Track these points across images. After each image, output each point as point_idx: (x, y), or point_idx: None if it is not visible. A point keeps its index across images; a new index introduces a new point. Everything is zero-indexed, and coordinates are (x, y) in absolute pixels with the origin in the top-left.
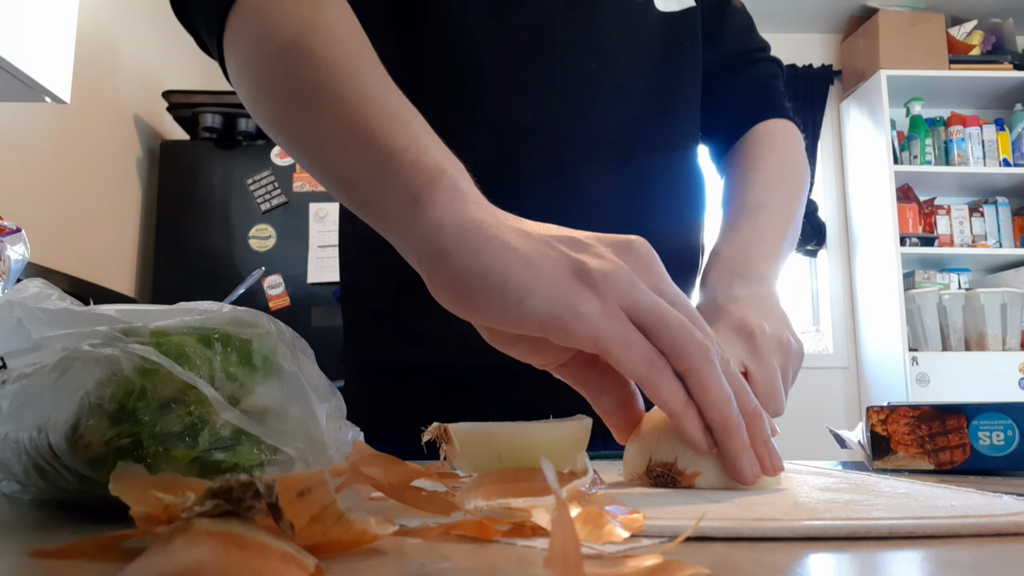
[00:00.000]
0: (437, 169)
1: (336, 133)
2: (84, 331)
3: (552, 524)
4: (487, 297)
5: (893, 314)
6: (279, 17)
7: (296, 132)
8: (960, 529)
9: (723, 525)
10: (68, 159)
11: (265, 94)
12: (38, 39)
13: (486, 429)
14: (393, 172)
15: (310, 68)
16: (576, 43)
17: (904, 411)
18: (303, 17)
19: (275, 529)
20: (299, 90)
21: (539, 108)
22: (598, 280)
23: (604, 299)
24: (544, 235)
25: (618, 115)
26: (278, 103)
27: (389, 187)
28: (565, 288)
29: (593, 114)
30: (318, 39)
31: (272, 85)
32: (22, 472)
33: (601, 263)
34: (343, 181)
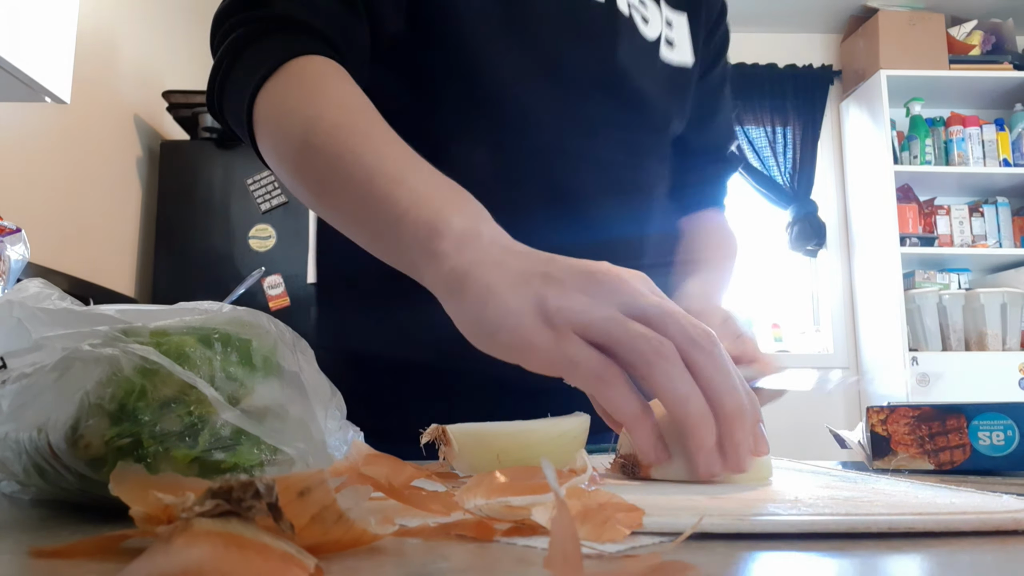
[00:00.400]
0: (435, 221)
1: (352, 211)
2: (84, 331)
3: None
4: (472, 333)
5: (893, 314)
6: (286, 120)
7: (327, 213)
8: (958, 525)
9: (723, 522)
10: (68, 159)
11: (294, 186)
12: (38, 39)
13: (484, 430)
14: (402, 233)
15: (321, 161)
16: (588, 70)
17: (904, 411)
18: (304, 115)
19: (275, 529)
20: (317, 179)
21: (544, 130)
22: (552, 314)
23: (557, 330)
24: (523, 272)
25: (621, 143)
26: (305, 193)
27: (402, 246)
28: (525, 328)
29: (598, 138)
30: (319, 132)
31: (296, 180)
32: (22, 472)
33: (559, 298)
34: (370, 247)
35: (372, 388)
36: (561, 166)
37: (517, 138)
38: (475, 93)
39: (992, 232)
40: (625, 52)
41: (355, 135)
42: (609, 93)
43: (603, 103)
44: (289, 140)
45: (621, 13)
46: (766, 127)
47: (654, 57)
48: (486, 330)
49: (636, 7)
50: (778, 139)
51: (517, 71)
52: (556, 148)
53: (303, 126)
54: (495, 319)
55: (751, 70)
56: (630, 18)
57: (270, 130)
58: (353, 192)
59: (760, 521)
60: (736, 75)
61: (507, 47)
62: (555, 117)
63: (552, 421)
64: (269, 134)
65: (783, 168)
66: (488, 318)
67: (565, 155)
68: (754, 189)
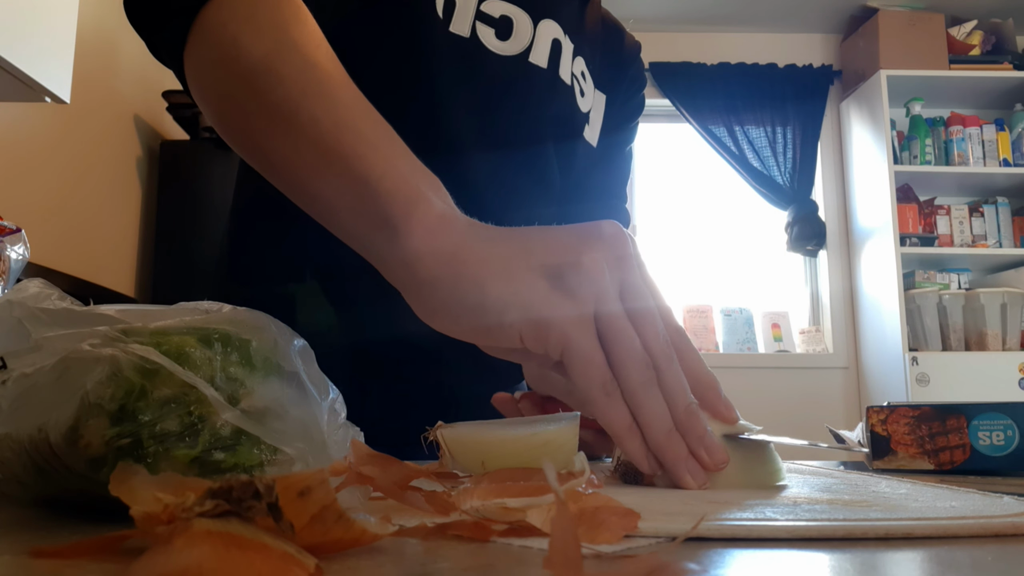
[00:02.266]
0: (414, 196)
1: (311, 159)
2: (84, 331)
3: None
4: (470, 320)
5: (893, 314)
6: (250, 36)
7: (268, 154)
8: (958, 530)
9: (720, 526)
10: (68, 159)
11: (233, 113)
12: (38, 39)
13: (471, 434)
14: (370, 200)
15: (283, 90)
16: (518, 129)
17: (904, 411)
18: (274, 38)
19: (275, 529)
20: (271, 113)
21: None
22: (573, 284)
23: (578, 303)
24: (522, 243)
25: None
26: (247, 123)
27: (367, 215)
28: (541, 297)
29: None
30: (289, 61)
31: (242, 104)
32: (22, 472)
33: (576, 263)
34: (319, 206)
35: None
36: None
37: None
38: (412, 108)
39: (992, 232)
40: (556, 117)
41: (331, 80)
42: (530, 152)
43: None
44: (247, 59)
45: (563, 81)
46: (766, 127)
47: (579, 132)
48: (490, 309)
49: (578, 78)
50: (778, 139)
51: (458, 112)
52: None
53: (270, 47)
54: (502, 294)
55: (751, 70)
56: (571, 87)
57: (221, 43)
58: (315, 138)
59: (757, 526)
60: (736, 75)
61: (458, 92)
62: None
63: (539, 426)
64: (219, 47)
65: (783, 168)
66: (491, 295)
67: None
68: (754, 189)
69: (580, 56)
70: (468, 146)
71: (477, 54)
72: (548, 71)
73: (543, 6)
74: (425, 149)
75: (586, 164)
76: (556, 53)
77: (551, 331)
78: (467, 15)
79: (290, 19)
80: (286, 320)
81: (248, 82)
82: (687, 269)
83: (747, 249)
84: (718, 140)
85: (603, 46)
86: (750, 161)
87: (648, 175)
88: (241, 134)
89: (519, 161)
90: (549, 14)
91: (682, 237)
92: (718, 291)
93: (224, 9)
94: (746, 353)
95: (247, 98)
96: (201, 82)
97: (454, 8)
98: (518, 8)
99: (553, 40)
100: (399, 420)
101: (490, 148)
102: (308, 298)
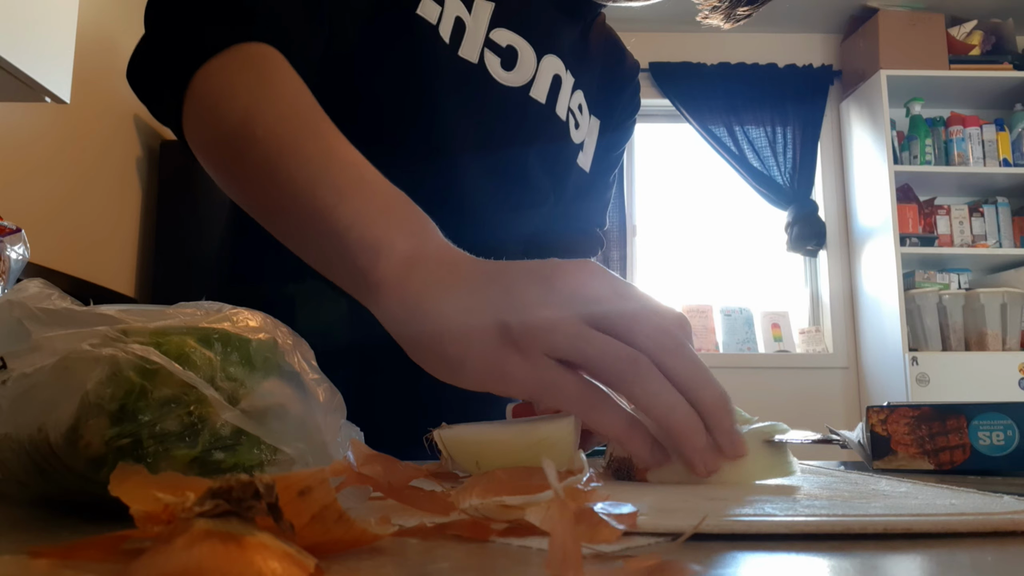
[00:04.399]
0: (378, 243)
1: (291, 215)
2: (84, 331)
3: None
4: (435, 367)
5: (893, 314)
6: (227, 102)
7: (257, 210)
8: (957, 526)
9: (720, 523)
10: (68, 159)
11: (223, 174)
12: (38, 39)
13: (469, 434)
14: (342, 253)
15: (258, 152)
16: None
17: (904, 411)
18: (247, 102)
19: (275, 529)
20: (251, 174)
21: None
22: (519, 338)
23: (527, 354)
24: (478, 292)
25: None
26: (235, 183)
27: (343, 267)
28: (492, 355)
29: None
30: (262, 122)
31: (228, 166)
32: (22, 472)
33: (523, 317)
34: (309, 257)
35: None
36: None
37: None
38: (415, 152)
39: (992, 232)
40: (549, 153)
41: (302, 132)
42: (517, 183)
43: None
44: (226, 126)
45: (558, 117)
46: (766, 127)
47: (572, 161)
48: (450, 364)
49: (575, 112)
50: (778, 139)
51: (460, 145)
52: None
53: (244, 112)
54: (458, 352)
55: (751, 70)
56: (566, 122)
57: (204, 112)
58: (293, 198)
59: (757, 522)
60: (736, 75)
61: (462, 116)
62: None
63: (533, 426)
64: (202, 117)
65: (783, 168)
66: (450, 352)
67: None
68: (754, 189)
69: (579, 89)
70: (465, 165)
71: (483, 81)
72: (546, 107)
73: (547, 40)
74: (424, 163)
75: (578, 189)
76: (555, 89)
77: (508, 381)
78: (476, 41)
79: (264, 79)
80: (286, 319)
81: (229, 145)
82: (687, 269)
83: (747, 249)
84: (718, 140)
85: (602, 67)
86: (750, 161)
87: (648, 175)
88: (232, 192)
89: (511, 181)
90: (552, 49)
91: (682, 237)
92: (718, 291)
93: (208, 78)
94: (746, 353)
95: (231, 160)
96: (194, 145)
97: (463, 33)
98: (524, 40)
99: (554, 76)
100: (400, 420)
101: (486, 169)
102: (308, 297)
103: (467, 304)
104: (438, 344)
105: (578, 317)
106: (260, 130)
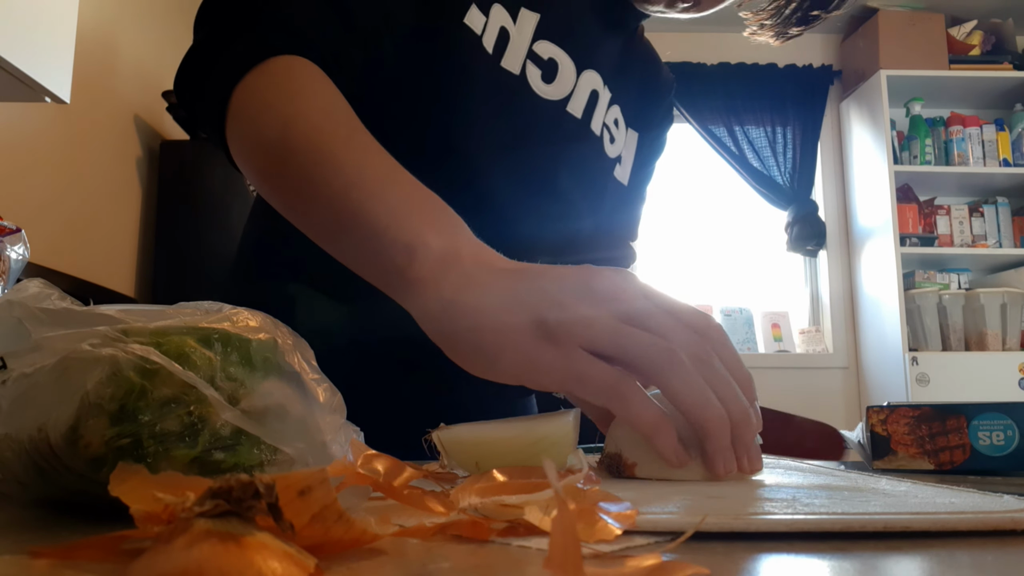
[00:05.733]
0: (413, 243)
1: (329, 221)
2: (84, 331)
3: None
4: (470, 361)
5: (893, 314)
6: (265, 115)
7: (298, 218)
8: (957, 524)
9: (719, 521)
10: (68, 159)
11: (264, 185)
12: (38, 39)
13: (468, 434)
14: (379, 253)
15: (295, 162)
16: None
17: (904, 411)
18: (285, 113)
19: (275, 529)
20: (290, 184)
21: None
22: (555, 332)
23: (562, 347)
24: (514, 290)
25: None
26: (276, 193)
27: (379, 267)
28: (528, 348)
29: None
30: (298, 133)
31: (269, 177)
32: (22, 472)
33: (559, 314)
34: (346, 261)
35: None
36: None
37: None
38: (449, 160)
39: (992, 232)
40: (581, 167)
41: (336, 141)
42: (547, 194)
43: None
44: (265, 138)
45: (592, 132)
46: (766, 127)
47: (608, 175)
48: (487, 357)
49: (610, 127)
50: (778, 139)
51: (494, 156)
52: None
53: (282, 124)
54: (494, 344)
55: (751, 70)
56: (600, 137)
57: (245, 125)
58: (329, 202)
59: (757, 520)
60: (736, 75)
61: (496, 125)
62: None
63: (533, 426)
64: (243, 129)
65: (783, 168)
66: (486, 345)
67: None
68: (754, 189)
69: (616, 104)
70: (495, 174)
71: (522, 91)
72: (581, 121)
73: (587, 54)
74: (453, 171)
75: (615, 202)
76: (592, 104)
77: (542, 374)
78: (520, 52)
79: (299, 91)
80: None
81: (268, 157)
82: (687, 269)
83: (747, 249)
84: (718, 140)
85: (640, 80)
86: (750, 161)
87: None
88: (274, 200)
89: (541, 192)
90: (592, 63)
91: (682, 237)
92: (718, 291)
93: (246, 91)
94: (746, 353)
95: (271, 172)
96: (237, 158)
97: (507, 44)
98: (565, 54)
99: (592, 91)
100: (400, 420)
101: (515, 179)
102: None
103: (503, 301)
104: (475, 338)
105: (614, 315)
106: (296, 140)
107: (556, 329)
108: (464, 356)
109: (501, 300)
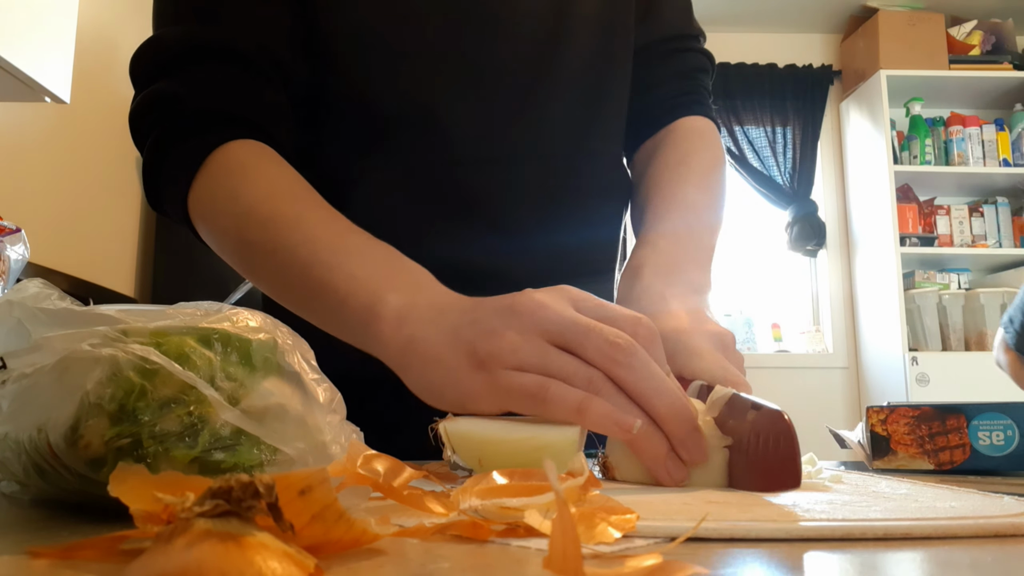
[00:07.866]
0: (373, 304)
1: (299, 298)
2: (84, 331)
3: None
4: (425, 395)
5: (893, 314)
6: (219, 221)
7: (275, 297)
8: (957, 530)
9: (719, 526)
10: (68, 159)
11: (237, 269)
12: (38, 39)
13: (475, 429)
14: (345, 319)
15: (259, 259)
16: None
17: (904, 411)
18: (234, 214)
19: (275, 529)
20: (259, 275)
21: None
22: (486, 361)
23: (491, 373)
24: (454, 326)
25: (547, 126)
26: (252, 280)
27: (348, 330)
28: (462, 379)
29: (526, 125)
30: (252, 229)
31: (242, 272)
32: (22, 472)
33: (487, 343)
34: (321, 327)
35: None
36: (475, 172)
37: (426, 152)
38: (373, 111)
39: (992, 232)
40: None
41: (286, 227)
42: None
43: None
44: (225, 239)
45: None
46: (766, 127)
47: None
48: (436, 393)
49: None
50: (778, 139)
51: (419, 74)
52: (469, 155)
53: (235, 225)
54: (439, 379)
55: (751, 70)
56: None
57: (207, 229)
58: (294, 284)
59: (757, 527)
60: (736, 75)
61: (401, 51)
62: (470, 116)
63: (539, 432)
64: (207, 233)
65: (783, 168)
66: (434, 380)
67: (479, 161)
68: (754, 189)
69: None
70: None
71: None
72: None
73: None
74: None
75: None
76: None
77: (478, 402)
78: None
79: (238, 187)
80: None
81: (232, 256)
82: None
83: (747, 249)
84: None
85: None
86: (750, 161)
87: None
88: (251, 281)
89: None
90: None
91: None
92: (718, 291)
93: (194, 199)
94: (746, 353)
95: (239, 266)
96: (207, 242)
97: None
98: None
99: None
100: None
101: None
102: None
103: (446, 338)
104: (427, 376)
105: (538, 337)
106: (252, 235)
107: (486, 358)
108: (420, 390)
109: (445, 337)
